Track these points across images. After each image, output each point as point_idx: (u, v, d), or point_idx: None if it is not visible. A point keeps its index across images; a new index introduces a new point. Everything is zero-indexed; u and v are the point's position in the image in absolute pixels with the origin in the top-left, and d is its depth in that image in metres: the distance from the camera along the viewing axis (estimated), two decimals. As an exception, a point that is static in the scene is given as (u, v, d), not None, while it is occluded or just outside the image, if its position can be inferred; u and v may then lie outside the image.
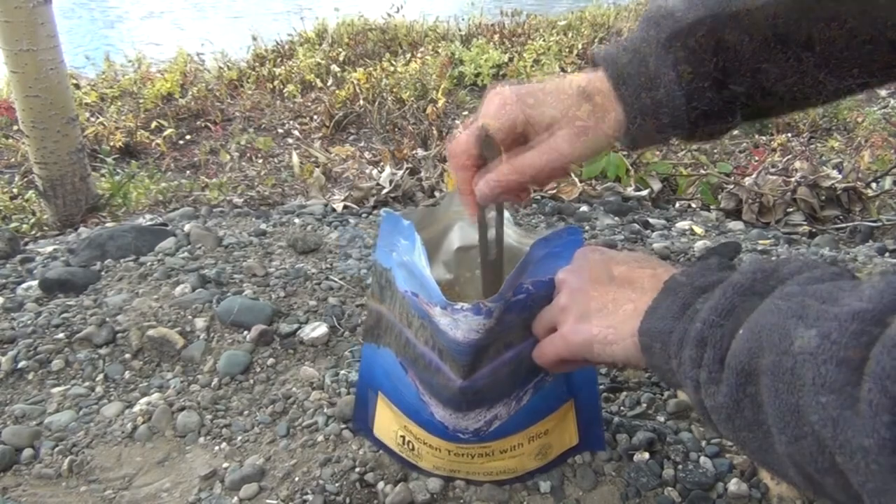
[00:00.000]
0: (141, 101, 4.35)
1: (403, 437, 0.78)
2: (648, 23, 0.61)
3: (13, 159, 3.55)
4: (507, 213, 0.76)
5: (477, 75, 4.46)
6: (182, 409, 0.95)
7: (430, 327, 0.70)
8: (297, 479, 0.82)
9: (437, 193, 2.02)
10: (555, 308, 0.63)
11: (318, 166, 3.10)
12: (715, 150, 3.28)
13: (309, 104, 4.36)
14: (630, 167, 2.21)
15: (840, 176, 2.05)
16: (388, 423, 0.81)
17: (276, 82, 4.66)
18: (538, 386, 0.73)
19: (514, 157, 0.62)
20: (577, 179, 2.11)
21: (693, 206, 2.12)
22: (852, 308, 0.37)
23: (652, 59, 0.60)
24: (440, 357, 0.70)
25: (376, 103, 4.07)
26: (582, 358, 0.60)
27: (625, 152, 2.34)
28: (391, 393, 0.79)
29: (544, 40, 4.78)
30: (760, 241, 1.62)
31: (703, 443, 0.83)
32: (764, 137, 3.52)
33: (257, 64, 5.05)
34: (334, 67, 4.71)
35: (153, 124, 4.05)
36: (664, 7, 0.62)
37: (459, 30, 5.45)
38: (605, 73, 0.61)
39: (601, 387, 0.93)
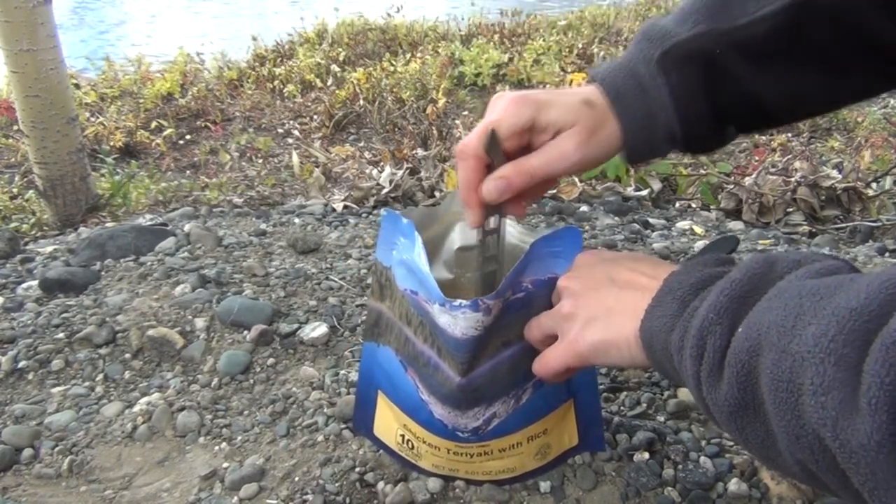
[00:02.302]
0: (141, 101, 4.35)
1: (403, 435, 0.79)
2: (642, 40, 0.64)
3: (13, 159, 3.55)
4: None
5: (477, 75, 4.46)
6: (182, 409, 0.95)
7: (428, 325, 0.70)
8: (297, 479, 0.82)
9: (437, 193, 2.02)
10: (556, 315, 0.62)
11: (318, 166, 3.11)
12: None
13: (309, 104, 4.36)
14: (630, 167, 2.21)
15: (840, 176, 2.05)
16: (388, 422, 0.81)
17: (276, 82, 4.66)
18: (537, 385, 0.73)
19: (520, 160, 0.63)
20: (577, 179, 2.11)
21: (693, 206, 2.12)
22: (850, 305, 0.37)
23: (646, 76, 0.62)
24: (439, 355, 0.70)
25: (376, 103, 4.07)
26: (589, 363, 0.60)
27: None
28: (391, 392, 0.79)
29: (544, 40, 4.78)
30: (760, 241, 1.62)
31: (703, 443, 0.83)
32: (764, 137, 3.52)
33: (257, 64, 5.05)
34: (334, 67, 4.71)
35: (153, 124, 4.05)
36: (658, 25, 0.64)
37: (459, 30, 5.45)
38: (601, 89, 0.63)
39: (601, 387, 0.93)
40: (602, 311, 0.57)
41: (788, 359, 0.39)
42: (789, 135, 3.55)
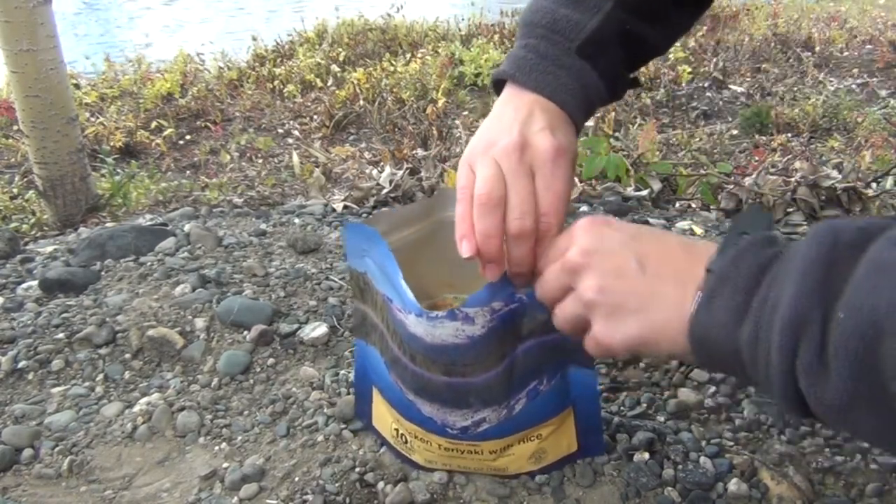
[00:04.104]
0: (141, 101, 4.35)
1: (397, 429, 0.79)
2: (550, 33, 0.66)
3: (13, 159, 3.55)
4: None
5: (477, 75, 4.46)
6: (182, 409, 0.95)
7: (401, 334, 0.70)
8: (297, 479, 0.82)
9: (436, 194, 2.02)
10: (576, 302, 0.56)
11: (318, 166, 3.11)
12: (715, 150, 3.28)
13: (309, 104, 4.36)
14: (630, 167, 2.21)
15: (840, 176, 2.05)
16: (383, 415, 0.82)
17: (276, 82, 4.66)
18: (532, 394, 0.73)
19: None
20: (577, 179, 2.11)
21: (693, 206, 2.12)
22: None
23: (573, 67, 0.66)
24: (413, 362, 0.70)
25: (376, 103, 4.07)
26: (618, 356, 0.57)
27: (625, 152, 2.34)
28: (382, 388, 0.80)
29: (544, 40, 4.77)
30: (760, 241, 1.62)
31: (703, 443, 0.83)
32: (764, 137, 3.52)
33: (257, 64, 5.05)
34: (334, 67, 4.71)
35: (153, 124, 4.05)
36: (560, 15, 0.66)
37: (459, 30, 5.44)
38: (541, 96, 0.65)
39: (601, 387, 0.93)
40: (633, 302, 0.52)
41: None
42: (789, 135, 3.55)
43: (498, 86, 0.70)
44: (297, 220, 1.74)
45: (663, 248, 0.54)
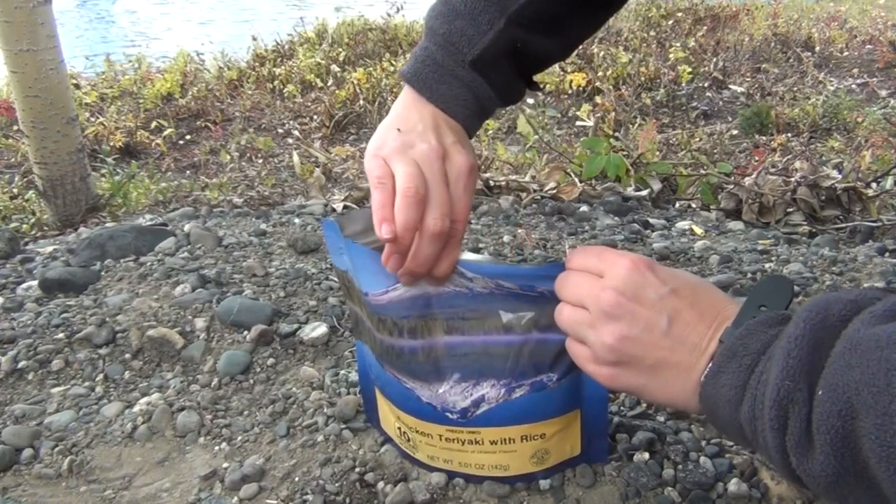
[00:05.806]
0: (141, 101, 4.36)
1: (399, 427, 0.79)
2: (445, 44, 0.69)
3: (13, 159, 3.56)
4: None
5: (477, 75, 4.45)
6: (182, 409, 0.95)
7: (391, 316, 0.72)
8: (297, 479, 0.82)
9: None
10: (596, 341, 0.57)
11: (318, 166, 3.11)
12: (715, 151, 3.28)
13: (309, 104, 4.36)
14: (630, 167, 2.21)
15: (840, 176, 2.05)
16: (386, 415, 0.82)
17: (276, 82, 4.66)
18: (536, 387, 0.73)
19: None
20: (577, 179, 2.11)
21: (693, 206, 2.12)
22: None
23: (465, 77, 0.69)
24: (413, 336, 0.72)
25: (376, 103, 4.08)
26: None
27: (625, 152, 2.34)
28: (381, 385, 0.80)
29: (544, 40, 4.77)
30: (760, 241, 1.62)
31: (703, 443, 0.83)
32: (764, 137, 3.52)
33: (257, 64, 5.06)
34: (334, 67, 4.71)
35: (153, 124, 4.05)
36: (455, 28, 0.68)
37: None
38: (438, 108, 0.69)
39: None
40: (649, 359, 0.55)
41: (895, 422, 0.37)
42: (789, 135, 3.55)
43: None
44: (297, 220, 1.74)
45: (694, 311, 0.54)
